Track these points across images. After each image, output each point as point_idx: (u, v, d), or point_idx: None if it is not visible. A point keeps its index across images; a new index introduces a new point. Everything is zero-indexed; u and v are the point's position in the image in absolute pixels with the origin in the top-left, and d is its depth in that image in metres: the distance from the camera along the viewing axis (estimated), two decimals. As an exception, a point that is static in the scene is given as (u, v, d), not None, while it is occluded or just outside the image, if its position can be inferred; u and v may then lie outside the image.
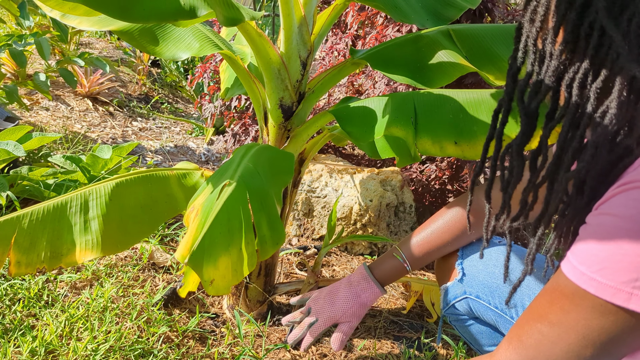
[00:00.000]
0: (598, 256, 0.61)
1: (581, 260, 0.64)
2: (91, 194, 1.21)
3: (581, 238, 0.65)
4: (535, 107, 0.70)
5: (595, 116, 0.63)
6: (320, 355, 1.48)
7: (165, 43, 1.29)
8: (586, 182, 0.66)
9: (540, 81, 0.68)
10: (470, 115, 1.19)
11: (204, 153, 3.27)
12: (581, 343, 0.65)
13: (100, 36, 5.11)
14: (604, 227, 0.62)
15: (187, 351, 1.40)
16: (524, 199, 0.75)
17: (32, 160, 2.33)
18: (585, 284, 0.62)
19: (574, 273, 0.64)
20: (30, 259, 1.14)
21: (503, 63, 1.35)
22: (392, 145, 1.55)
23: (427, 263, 1.22)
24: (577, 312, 0.65)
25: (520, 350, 0.72)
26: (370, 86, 2.34)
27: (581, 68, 0.63)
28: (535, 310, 0.72)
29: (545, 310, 0.69)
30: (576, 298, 0.64)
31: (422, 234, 1.19)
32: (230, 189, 1.02)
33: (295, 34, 1.27)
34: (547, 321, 0.69)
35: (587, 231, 0.65)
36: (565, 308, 0.66)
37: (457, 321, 1.18)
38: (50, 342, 1.29)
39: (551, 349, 0.68)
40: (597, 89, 0.62)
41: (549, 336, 0.68)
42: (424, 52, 1.34)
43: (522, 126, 0.72)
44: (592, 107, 0.63)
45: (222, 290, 0.93)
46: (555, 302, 0.68)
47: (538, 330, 0.70)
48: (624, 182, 0.62)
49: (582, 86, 0.64)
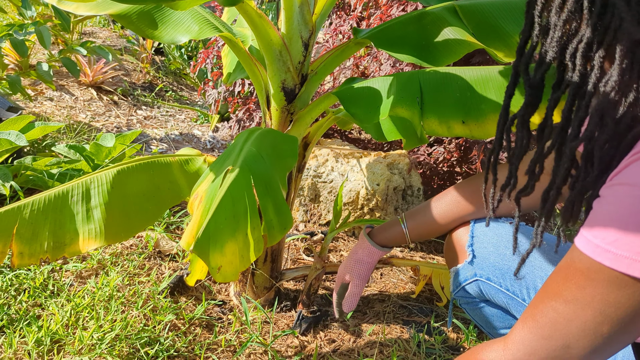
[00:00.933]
0: (612, 227, 0.59)
1: (595, 233, 0.62)
2: (92, 182, 1.19)
3: (595, 211, 0.63)
4: (540, 78, 0.70)
5: (600, 85, 0.62)
6: (329, 341, 1.46)
7: (164, 26, 1.26)
8: (594, 153, 0.64)
9: (545, 52, 0.68)
10: (478, 93, 1.15)
11: (209, 140, 3.25)
12: (598, 319, 0.63)
13: (103, 25, 5.08)
14: (617, 197, 0.60)
15: (194, 339, 1.39)
16: (530, 169, 0.75)
17: (36, 150, 2.32)
18: (600, 257, 0.61)
19: (588, 246, 0.62)
20: (33, 250, 1.12)
21: (512, 39, 1.31)
22: (398, 126, 1.51)
23: (427, 238, 1.26)
24: (592, 287, 0.62)
25: (536, 329, 0.69)
26: (376, 68, 2.30)
27: (584, 37, 0.62)
28: (549, 289, 0.69)
29: (560, 287, 0.67)
30: (591, 272, 0.62)
31: (427, 209, 1.20)
32: (233, 174, 1.00)
33: (296, 13, 1.24)
34: (562, 299, 0.66)
35: (601, 203, 0.63)
36: (581, 284, 0.64)
37: (468, 304, 1.16)
38: (55, 331, 1.28)
39: (567, 326, 0.66)
40: (601, 57, 0.61)
41: (564, 314, 0.66)
42: (429, 29, 1.30)
43: (527, 97, 0.72)
44: (596, 77, 0.62)
45: (229, 277, 0.91)
46: (570, 278, 0.65)
47: (553, 308, 0.68)
48: (637, 151, 0.60)
49: (586, 56, 0.63)
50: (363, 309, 1.66)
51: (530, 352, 0.70)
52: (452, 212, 1.15)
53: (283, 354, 1.38)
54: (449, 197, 1.17)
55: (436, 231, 1.20)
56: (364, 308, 1.67)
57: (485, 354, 0.76)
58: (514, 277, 1.02)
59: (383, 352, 1.43)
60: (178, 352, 1.32)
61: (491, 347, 0.76)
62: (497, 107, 1.13)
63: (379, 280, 1.86)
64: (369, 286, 1.82)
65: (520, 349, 0.71)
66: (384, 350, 1.44)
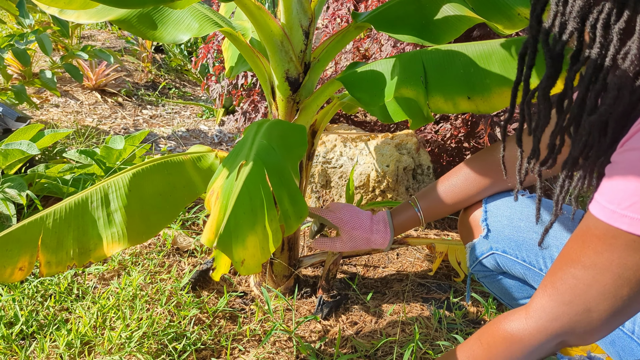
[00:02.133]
0: (626, 192, 0.61)
1: (610, 198, 0.63)
2: (110, 187, 1.21)
3: (608, 177, 0.64)
4: (561, 49, 0.69)
5: (618, 57, 0.62)
6: (351, 323, 1.49)
7: (164, 27, 1.27)
8: (609, 124, 0.65)
9: (565, 22, 0.67)
10: (482, 68, 1.15)
11: (216, 134, 3.27)
12: (617, 283, 0.64)
13: (101, 27, 5.09)
14: (630, 162, 0.61)
15: (219, 331, 1.42)
16: (551, 142, 0.75)
17: (48, 158, 2.35)
18: (617, 222, 0.62)
19: (603, 213, 0.64)
20: (60, 258, 1.14)
21: (512, 11, 1.31)
22: (403, 107, 1.52)
23: (440, 217, 1.24)
24: (610, 252, 0.64)
25: (556, 296, 0.71)
26: (377, 50, 2.30)
27: (605, 7, 0.62)
28: (567, 256, 0.71)
29: (578, 254, 0.68)
30: (608, 238, 0.64)
31: (439, 189, 1.19)
32: (247, 168, 1.01)
33: (295, 2, 1.24)
34: (580, 265, 0.68)
35: (613, 169, 0.64)
36: (598, 249, 0.65)
37: (486, 277, 1.17)
38: (85, 333, 1.32)
39: (587, 292, 0.67)
40: (620, 29, 0.61)
41: (583, 279, 0.68)
42: (428, 7, 1.30)
43: (548, 69, 0.71)
44: (614, 49, 0.62)
45: (252, 269, 0.93)
46: (587, 244, 0.67)
47: (572, 275, 0.69)
48: None
49: (606, 26, 0.62)
50: (382, 289, 1.68)
51: (552, 319, 0.72)
52: (464, 191, 1.14)
53: (307, 339, 1.41)
54: (461, 175, 1.16)
55: (449, 210, 1.19)
56: (383, 289, 1.69)
57: (508, 324, 0.77)
58: (529, 247, 1.03)
59: (405, 331, 1.45)
60: (205, 344, 1.35)
61: (513, 317, 0.77)
62: (502, 80, 1.13)
63: (396, 261, 1.88)
64: (387, 267, 1.84)
65: (542, 316, 0.73)
66: (406, 328, 1.46)
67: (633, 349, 0.89)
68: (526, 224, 1.05)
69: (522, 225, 1.05)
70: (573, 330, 0.71)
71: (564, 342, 0.74)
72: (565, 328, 0.71)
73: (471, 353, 0.82)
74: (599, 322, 0.68)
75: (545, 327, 0.72)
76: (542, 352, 0.75)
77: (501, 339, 0.77)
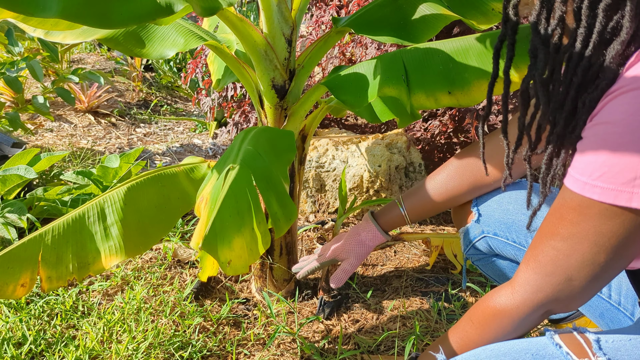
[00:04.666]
0: (596, 164, 0.64)
1: (581, 171, 0.66)
2: (106, 201, 1.25)
3: (579, 151, 0.68)
4: (551, 34, 0.71)
5: (606, 32, 0.65)
6: (353, 321, 1.51)
7: (150, 43, 1.31)
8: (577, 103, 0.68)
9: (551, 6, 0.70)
10: (460, 63, 1.19)
11: (210, 147, 3.30)
12: (594, 250, 0.68)
13: (90, 50, 5.13)
14: (598, 136, 0.64)
15: (224, 337, 1.44)
16: (539, 125, 0.77)
17: (45, 181, 2.38)
18: (589, 192, 0.65)
19: (577, 185, 0.67)
20: (60, 273, 1.17)
21: (486, 6, 1.35)
22: (390, 106, 1.55)
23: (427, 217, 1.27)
24: (585, 222, 0.67)
25: (538, 268, 0.74)
26: (362, 53, 2.34)
27: None
28: (546, 230, 0.74)
29: (556, 226, 0.72)
30: (583, 208, 0.67)
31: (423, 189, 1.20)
32: (233, 173, 1.04)
33: (275, 12, 1.28)
34: (559, 236, 0.71)
35: (584, 143, 0.67)
36: (574, 220, 0.68)
37: (480, 260, 1.20)
38: (92, 348, 1.34)
39: (567, 261, 0.71)
40: (607, 5, 0.64)
41: (563, 250, 0.71)
42: (405, 8, 1.34)
43: (541, 56, 0.73)
44: (601, 25, 0.65)
45: (240, 270, 0.96)
46: (564, 217, 0.70)
47: (552, 246, 0.72)
48: (611, 91, 0.64)
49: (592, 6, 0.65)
50: (382, 286, 1.71)
51: (536, 290, 0.75)
52: (448, 190, 1.15)
53: (311, 340, 1.44)
54: (444, 175, 1.17)
55: (434, 209, 1.20)
56: (382, 286, 1.72)
57: (496, 300, 0.81)
58: (519, 229, 1.06)
59: (406, 325, 1.48)
60: (210, 351, 1.38)
61: (500, 292, 0.81)
62: (480, 73, 1.17)
63: (394, 258, 1.91)
64: (385, 265, 1.87)
65: (527, 289, 0.76)
66: (407, 322, 1.49)
67: (620, 319, 0.93)
68: (515, 207, 1.08)
69: (510, 208, 1.09)
70: (557, 299, 0.74)
71: (549, 312, 0.78)
72: (549, 298, 0.74)
73: (464, 334, 0.85)
74: (580, 289, 0.72)
75: (531, 299, 0.76)
76: (530, 322, 0.79)
77: (491, 315, 0.81)
